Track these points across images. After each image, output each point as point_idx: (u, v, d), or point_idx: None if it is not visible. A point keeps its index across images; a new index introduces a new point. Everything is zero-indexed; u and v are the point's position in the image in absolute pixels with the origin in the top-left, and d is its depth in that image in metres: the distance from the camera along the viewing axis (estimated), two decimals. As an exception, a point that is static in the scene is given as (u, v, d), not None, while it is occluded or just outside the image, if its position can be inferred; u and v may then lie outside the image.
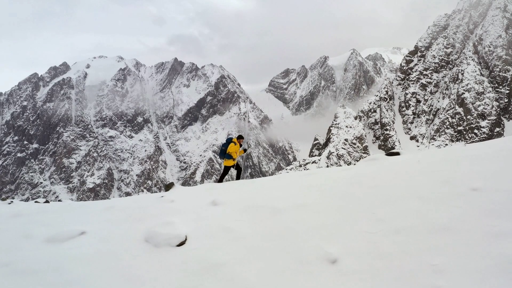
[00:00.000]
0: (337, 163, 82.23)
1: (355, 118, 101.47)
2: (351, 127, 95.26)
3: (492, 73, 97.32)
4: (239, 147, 12.13)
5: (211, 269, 4.77)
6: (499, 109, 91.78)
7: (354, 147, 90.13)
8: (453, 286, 3.81)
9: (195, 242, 5.52)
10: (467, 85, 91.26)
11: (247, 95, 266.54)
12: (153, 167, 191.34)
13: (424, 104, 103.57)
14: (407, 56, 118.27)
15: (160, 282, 4.58)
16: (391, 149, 73.92)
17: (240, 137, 12.28)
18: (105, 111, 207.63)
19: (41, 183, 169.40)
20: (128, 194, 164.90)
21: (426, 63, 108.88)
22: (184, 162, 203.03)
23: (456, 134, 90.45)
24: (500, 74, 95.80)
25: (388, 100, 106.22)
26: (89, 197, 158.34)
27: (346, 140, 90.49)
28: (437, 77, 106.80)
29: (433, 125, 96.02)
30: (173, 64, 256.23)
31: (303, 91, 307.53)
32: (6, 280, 4.60)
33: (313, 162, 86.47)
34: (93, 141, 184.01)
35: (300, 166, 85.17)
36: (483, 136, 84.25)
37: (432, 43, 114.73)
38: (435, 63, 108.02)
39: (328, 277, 4.40)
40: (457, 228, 4.72)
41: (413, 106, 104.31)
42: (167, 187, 9.99)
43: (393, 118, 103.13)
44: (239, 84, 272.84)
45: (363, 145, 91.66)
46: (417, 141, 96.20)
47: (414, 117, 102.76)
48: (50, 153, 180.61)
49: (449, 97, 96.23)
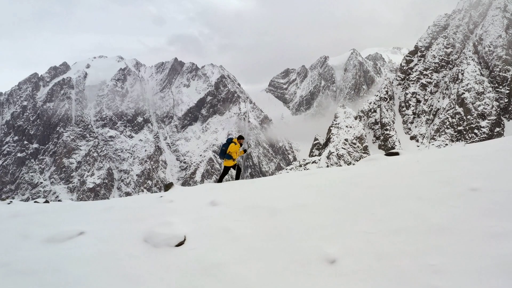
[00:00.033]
0: (337, 163, 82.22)
1: (355, 118, 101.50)
2: (351, 127, 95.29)
3: (492, 73, 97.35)
4: (239, 147, 12.14)
5: (210, 269, 4.76)
6: (499, 109, 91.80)
7: (354, 147, 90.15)
8: (452, 286, 3.81)
9: (194, 242, 5.51)
10: (467, 85, 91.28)
11: (247, 95, 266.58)
12: (153, 167, 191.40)
13: (424, 104, 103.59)
14: (407, 56, 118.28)
15: (159, 282, 4.57)
16: (391, 149, 73.87)
17: (241, 138, 12.29)
18: (105, 111, 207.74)
19: (41, 183, 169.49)
20: (128, 194, 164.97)
21: (426, 63, 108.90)
22: (184, 162, 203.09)
23: (456, 134, 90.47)
24: (500, 74, 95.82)
25: (388, 100, 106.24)
26: (89, 197, 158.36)
27: (346, 140, 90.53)
28: (437, 77, 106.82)
29: (433, 125, 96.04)
30: (173, 64, 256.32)
31: (303, 91, 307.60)
32: (5, 281, 4.60)
33: (313, 162, 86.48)
34: (93, 141, 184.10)
35: (300, 166, 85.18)
36: (483, 136, 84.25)
37: (432, 43, 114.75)
38: (435, 63, 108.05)
39: (327, 278, 4.40)
40: (456, 228, 4.72)
41: (413, 106, 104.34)
42: (167, 187, 10.00)
43: (393, 118, 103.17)
44: (239, 84, 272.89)
45: (363, 145, 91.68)
46: (417, 141, 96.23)
47: (414, 117, 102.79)
48: (50, 153, 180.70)
49: (449, 97, 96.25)
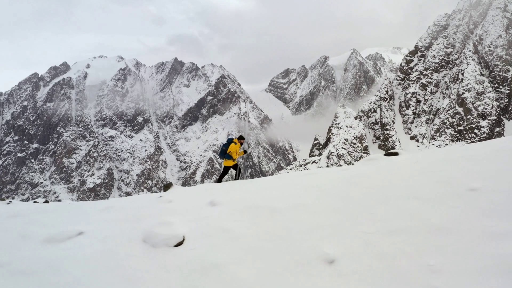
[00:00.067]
0: (337, 163, 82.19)
1: (355, 118, 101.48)
2: (351, 127, 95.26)
3: (492, 73, 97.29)
4: (240, 147, 12.15)
5: (209, 270, 4.76)
6: (499, 109, 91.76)
7: (354, 147, 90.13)
8: (451, 286, 3.82)
9: (193, 243, 5.51)
10: (467, 85, 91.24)
11: (247, 95, 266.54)
12: (153, 167, 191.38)
13: (424, 104, 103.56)
14: (407, 56, 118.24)
15: (158, 283, 4.57)
16: (391, 149, 73.84)
17: (241, 138, 12.30)
18: (105, 111, 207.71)
19: (41, 183, 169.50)
20: (128, 194, 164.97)
21: (426, 63, 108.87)
22: (184, 162, 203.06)
23: (456, 134, 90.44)
24: (500, 74, 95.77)
25: (388, 100, 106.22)
26: (89, 197, 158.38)
27: (346, 140, 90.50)
28: (437, 77, 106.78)
29: (433, 125, 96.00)
30: (173, 64, 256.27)
31: (303, 91, 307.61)
32: (4, 281, 4.60)
33: (313, 162, 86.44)
34: (93, 141, 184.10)
35: (300, 166, 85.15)
36: (483, 136, 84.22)
37: (432, 43, 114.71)
38: (435, 63, 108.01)
39: (326, 278, 4.40)
40: (455, 228, 4.72)
41: (413, 106, 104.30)
42: (166, 187, 9.99)
43: (393, 118, 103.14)
44: (239, 84, 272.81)
45: (363, 145, 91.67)
46: (417, 141, 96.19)
47: (414, 117, 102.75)
48: (50, 153, 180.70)
49: (449, 97, 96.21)
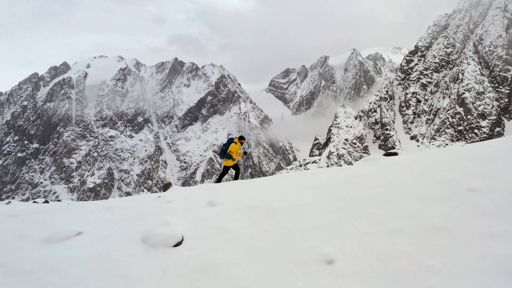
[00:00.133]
0: (338, 163, 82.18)
1: (356, 118, 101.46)
2: (352, 127, 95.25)
3: (493, 73, 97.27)
4: (240, 147, 12.16)
5: (208, 270, 4.75)
6: (500, 109, 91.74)
7: (355, 147, 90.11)
8: (450, 287, 3.81)
9: (192, 243, 5.50)
10: (468, 85, 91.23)
11: (247, 95, 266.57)
12: (154, 167, 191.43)
13: (425, 104, 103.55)
14: (408, 56, 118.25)
15: (157, 283, 4.57)
16: (392, 149, 73.90)
17: (242, 138, 12.29)
18: (106, 111, 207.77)
19: (42, 183, 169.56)
20: (129, 194, 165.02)
21: (427, 63, 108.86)
22: (185, 162, 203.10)
23: (457, 134, 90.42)
24: (501, 74, 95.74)
25: (389, 100, 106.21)
26: (90, 197, 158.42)
27: (347, 140, 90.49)
28: (438, 77, 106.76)
29: (434, 125, 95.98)
30: (173, 64, 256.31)
31: (304, 91, 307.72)
32: (3, 281, 4.59)
33: (314, 162, 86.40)
34: (94, 141, 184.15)
35: (301, 166, 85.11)
36: (484, 136, 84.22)
37: (433, 43, 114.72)
38: (436, 63, 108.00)
39: (325, 278, 4.39)
40: (454, 229, 4.71)
41: (414, 106, 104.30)
42: (165, 187, 9.99)
43: (394, 118, 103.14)
44: (239, 84, 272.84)
45: (364, 145, 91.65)
46: (418, 141, 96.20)
47: (415, 117, 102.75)
48: (51, 153, 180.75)
49: (450, 97, 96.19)
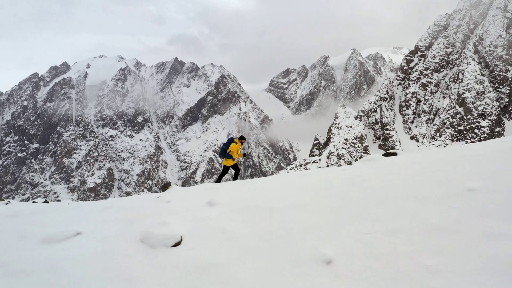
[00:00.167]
0: (338, 163, 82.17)
1: (356, 118, 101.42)
2: (352, 127, 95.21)
3: (493, 73, 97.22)
4: (240, 147, 12.16)
5: (207, 270, 4.76)
6: (500, 109, 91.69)
7: (355, 147, 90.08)
8: (449, 287, 3.81)
9: (191, 243, 5.51)
10: (468, 85, 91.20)
11: (248, 95, 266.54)
12: (154, 167, 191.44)
13: (425, 104, 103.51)
14: (408, 56, 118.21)
15: (155, 283, 4.57)
16: (392, 149, 73.91)
17: (242, 138, 12.29)
18: (106, 111, 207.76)
19: (42, 183, 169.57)
20: (129, 194, 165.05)
21: (427, 63, 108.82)
22: (185, 162, 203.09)
23: (457, 134, 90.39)
24: (501, 74, 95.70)
25: (389, 100, 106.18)
26: (90, 197, 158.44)
27: (347, 140, 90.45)
28: (438, 77, 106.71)
29: (434, 125, 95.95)
30: (174, 64, 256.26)
31: (304, 91, 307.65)
32: (2, 281, 4.60)
33: (314, 162, 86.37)
34: (94, 141, 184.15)
35: (301, 166, 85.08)
36: (484, 136, 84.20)
37: (433, 43, 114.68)
38: (436, 63, 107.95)
39: (323, 278, 4.39)
40: (453, 229, 4.71)
41: (414, 106, 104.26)
42: (164, 188, 9.99)
43: (394, 118, 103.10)
44: (240, 84, 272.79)
45: (364, 145, 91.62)
46: (418, 141, 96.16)
47: (415, 117, 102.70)
48: (51, 153, 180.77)
49: (450, 97, 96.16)
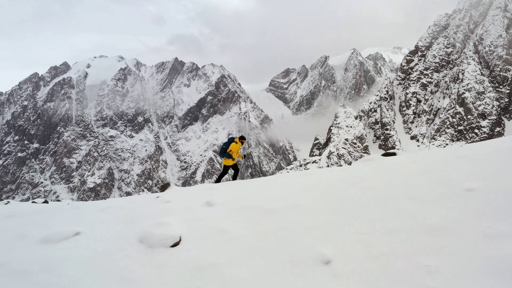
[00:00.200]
0: (338, 163, 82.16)
1: (356, 118, 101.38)
2: (352, 127, 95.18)
3: (493, 73, 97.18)
4: (241, 147, 12.15)
5: (206, 270, 4.75)
6: (500, 109, 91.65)
7: (355, 147, 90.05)
8: (448, 287, 3.81)
9: (190, 243, 5.50)
10: (468, 85, 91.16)
11: (248, 95, 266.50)
12: (154, 167, 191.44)
13: (425, 104, 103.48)
14: (408, 56, 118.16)
15: (154, 283, 4.57)
16: (392, 149, 73.87)
17: (242, 138, 12.28)
18: (106, 111, 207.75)
19: (42, 183, 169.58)
20: (129, 194, 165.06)
21: (427, 63, 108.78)
22: (185, 162, 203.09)
23: (457, 134, 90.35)
24: (501, 74, 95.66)
25: (389, 100, 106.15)
26: (90, 197, 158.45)
27: (347, 140, 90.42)
28: (438, 77, 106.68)
29: (434, 125, 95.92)
30: (174, 64, 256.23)
31: (304, 91, 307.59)
32: (1, 281, 4.59)
33: (314, 162, 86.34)
34: (94, 141, 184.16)
35: (301, 166, 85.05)
36: (484, 136, 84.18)
37: (433, 43, 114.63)
38: (436, 63, 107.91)
39: (323, 278, 4.39)
40: (452, 229, 4.70)
41: (414, 106, 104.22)
42: (163, 188, 9.97)
43: (394, 118, 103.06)
44: (240, 84, 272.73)
45: (364, 145, 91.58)
46: (418, 141, 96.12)
47: (415, 117, 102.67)
48: (51, 153, 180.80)
49: (450, 97, 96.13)
